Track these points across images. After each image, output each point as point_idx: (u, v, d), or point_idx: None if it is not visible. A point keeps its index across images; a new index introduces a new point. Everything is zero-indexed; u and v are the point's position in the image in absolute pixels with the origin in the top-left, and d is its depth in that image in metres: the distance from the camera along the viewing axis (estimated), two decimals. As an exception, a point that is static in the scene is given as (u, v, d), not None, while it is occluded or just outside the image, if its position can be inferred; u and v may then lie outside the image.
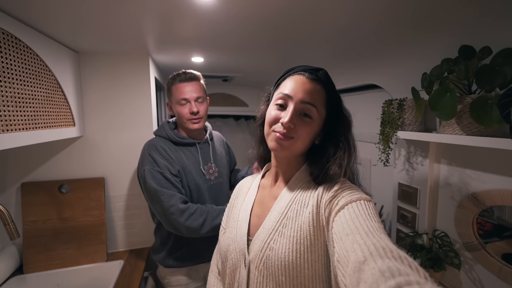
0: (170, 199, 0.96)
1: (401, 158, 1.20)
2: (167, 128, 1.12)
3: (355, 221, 0.43)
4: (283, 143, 0.57)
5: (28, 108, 0.90)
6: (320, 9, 0.80)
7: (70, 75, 1.21)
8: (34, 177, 1.28)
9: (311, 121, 0.57)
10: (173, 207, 0.95)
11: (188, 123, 1.10)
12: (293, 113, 0.55)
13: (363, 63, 1.35)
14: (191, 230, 0.96)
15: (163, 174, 0.99)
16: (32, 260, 1.21)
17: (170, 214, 0.95)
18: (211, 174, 1.15)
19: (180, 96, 1.08)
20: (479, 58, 0.78)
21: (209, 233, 0.98)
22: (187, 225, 0.95)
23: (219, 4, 0.77)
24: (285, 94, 0.57)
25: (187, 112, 1.08)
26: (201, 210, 0.99)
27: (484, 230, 0.93)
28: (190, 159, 1.11)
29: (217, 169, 1.18)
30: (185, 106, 1.09)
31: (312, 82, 0.57)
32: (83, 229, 1.30)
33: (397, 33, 0.96)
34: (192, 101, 1.08)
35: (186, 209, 0.96)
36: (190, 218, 0.96)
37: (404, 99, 1.06)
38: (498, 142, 0.72)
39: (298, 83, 0.57)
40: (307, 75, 0.57)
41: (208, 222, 0.97)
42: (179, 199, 0.97)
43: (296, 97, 0.56)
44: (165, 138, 1.10)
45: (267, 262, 0.54)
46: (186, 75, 1.09)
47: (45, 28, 0.95)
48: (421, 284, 0.27)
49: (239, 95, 2.64)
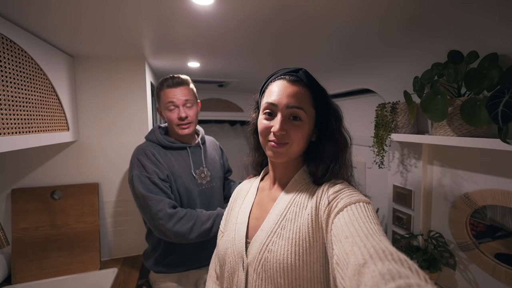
0: (158, 204, 0.95)
1: (395, 160, 1.23)
2: (157, 133, 1.11)
3: (354, 223, 0.43)
4: (279, 151, 0.58)
5: (21, 112, 0.89)
6: (315, 15, 0.82)
7: (65, 79, 1.20)
8: (25, 183, 1.25)
9: (301, 123, 0.57)
10: (161, 212, 0.94)
11: (177, 129, 1.08)
12: (281, 121, 0.56)
13: (356, 68, 1.38)
14: (180, 235, 0.94)
15: (151, 179, 0.98)
16: (22, 270, 1.17)
17: (158, 219, 0.94)
18: (202, 178, 1.14)
19: (167, 100, 1.06)
20: (467, 62, 0.82)
21: (198, 238, 0.96)
22: (175, 230, 0.93)
23: (216, 9, 0.78)
24: (270, 103, 0.58)
25: (176, 118, 1.07)
26: (190, 215, 0.98)
27: (477, 231, 0.95)
28: (180, 163, 1.09)
29: (209, 173, 1.16)
30: (173, 111, 1.07)
31: (294, 85, 0.57)
32: (76, 236, 1.26)
33: (389, 39, 0.99)
34: (180, 105, 1.06)
35: (174, 214, 0.95)
36: (178, 223, 0.94)
37: (397, 103, 1.09)
38: (488, 143, 0.74)
39: (281, 89, 0.57)
40: (288, 78, 0.58)
41: (197, 227, 0.96)
42: (167, 204, 0.96)
43: (281, 104, 0.56)
44: (155, 142, 1.09)
45: (266, 264, 0.54)
46: (174, 79, 1.08)
47: (41, 32, 0.95)
48: (421, 286, 0.27)
49: (234, 101, 2.65)
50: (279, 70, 0.62)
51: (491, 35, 0.78)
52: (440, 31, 0.88)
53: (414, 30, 0.90)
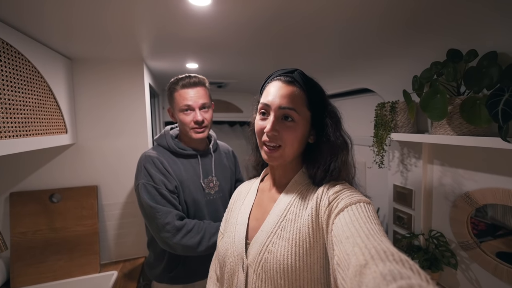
0: (165, 216, 0.90)
1: (395, 160, 1.22)
2: (168, 138, 1.05)
3: (355, 224, 0.43)
4: (273, 155, 0.58)
5: (18, 115, 0.88)
6: (316, 18, 0.82)
7: (63, 82, 1.19)
8: (23, 187, 1.24)
9: (294, 124, 0.57)
10: (168, 225, 0.90)
11: (191, 132, 1.02)
12: (273, 122, 0.56)
13: (355, 68, 1.38)
14: (188, 249, 0.90)
15: (158, 190, 0.93)
16: (21, 274, 1.16)
17: (165, 232, 0.90)
18: (211, 188, 1.08)
19: (184, 102, 0.99)
20: (466, 61, 0.81)
21: (206, 251, 0.92)
22: (183, 244, 0.89)
23: (214, 10, 0.78)
24: (264, 104, 0.58)
25: (191, 121, 1.00)
26: (199, 228, 0.94)
27: (478, 230, 0.95)
28: (189, 172, 1.04)
29: (218, 182, 1.11)
30: (189, 114, 1.00)
31: (288, 85, 0.57)
32: (75, 240, 1.26)
33: (387, 38, 0.99)
34: (197, 108, 1.00)
35: (182, 227, 0.91)
36: (186, 236, 0.90)
37: (396, 102, 1.08)
38: (488, 141, 0.74)
39: (275, 89, 0.58)
40: (283, 79, 0.58)
41: (206, 240, 0.92)
42: (175, 216, 0.92)
43: (273, 104, 0.57)
44: (165, 148, 1.04)
45: (266, 265, 0.54)
46: (191, 79, 1.00)
47: (37, 34, 0.95)
48: (422, 287, 0.27)
49: (234, 101, 2.65)
50: (277, 70, 0.62)
51: (490, 33, 0.78)
52: (438, 29, 0.87)
53: (412, 29, 0.90)
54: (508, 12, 0.71)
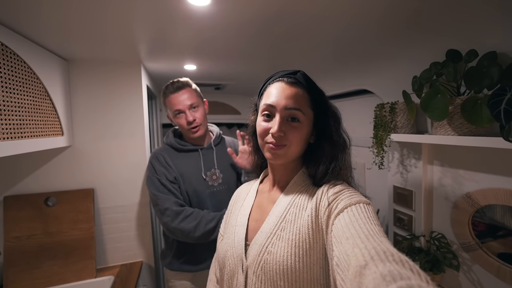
0: (165, 202, 1.01)
1: (394, 161, 1.22)
2: (170, 136, 1.17)
3: (355, 225, 0.43)
4: (277, 152, 0.58)
5: (13, 117, 0.86)
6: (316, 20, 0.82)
7: (59, 83, 1.18)
8: (18, 190, 1.22)
9: (299, 125, 0.58)
10: (168, 210, 1.00)
11: (189, 133, 1.12)
12: (280, 122, 0.56)
13: (354, 69, 1.38)
14: (184, 233, 0.98)
15: (160, 180, 1.06)
16: (14, 280, 1.13)
17: (166, 216, 1.00)
18: (214, 180, 1.15)
19: (174, 108, 1.09)
20: (466, 61, 0.81)
21: (202, 236, 0.99)
22: (180, 228, 0.98)
23: (213, 10, 0.77)
24: (269, 105, 0.58)
25: (185, 123, 1.10)
26: (197, 214, 1.02)
27: (478, 231, 0.94)
28: (190, 166, 1.13)
29: (221, 175, 1.17)
30: (181, 117, 1.10)
31: (292, 86, 0.58)
32: (70, 244, 1.23)
33: (387, 39, 0.99)
34: (186, 110, 1.09)
35: (181, 212, 1.00)
36: (184, 221, 0.99)
37: (396, 103, 1.08)
38: (489, 141, 0.74)
39: (279, 90, 0.58)
40: (286, 80, 0.59)
41: (202, 226, 0.99)
42: (173, 203, 1.02)
43: (279, 105, 0.57)
44: (169, 145, 1.16)
45: (265, 266, 0.53)
46: (174, 85, 1.10)
47: (33, 35, 0.93)
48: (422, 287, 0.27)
49: (231, 103, 2.64)
50: (278, 72, 0.62)
51: (490, 33, 0.78)
52: (438, 29, 0.87)
53: (412, 29, 0.90)
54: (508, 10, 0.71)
